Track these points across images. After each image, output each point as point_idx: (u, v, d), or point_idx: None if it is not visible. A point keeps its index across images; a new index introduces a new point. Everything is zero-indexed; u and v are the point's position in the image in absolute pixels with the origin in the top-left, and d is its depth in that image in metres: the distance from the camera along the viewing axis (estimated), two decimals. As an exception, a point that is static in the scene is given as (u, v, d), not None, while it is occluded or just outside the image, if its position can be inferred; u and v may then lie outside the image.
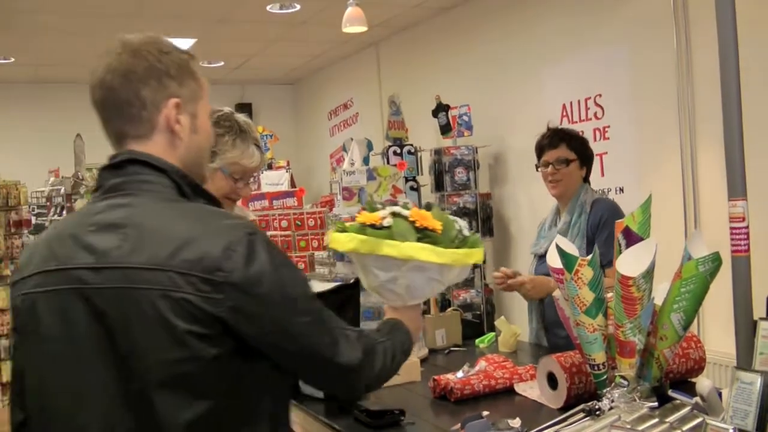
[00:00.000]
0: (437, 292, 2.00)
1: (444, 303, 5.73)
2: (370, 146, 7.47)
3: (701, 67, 4.52)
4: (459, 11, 6.75)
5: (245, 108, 9.73)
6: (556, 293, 2.33)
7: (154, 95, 1.48)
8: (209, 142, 1.64)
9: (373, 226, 1.78)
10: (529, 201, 5.94)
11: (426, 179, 6.48)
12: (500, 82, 6.27)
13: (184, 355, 1.33)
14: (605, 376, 2.14)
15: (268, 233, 5.49)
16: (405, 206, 1.85)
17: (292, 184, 7.33)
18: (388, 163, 6.49)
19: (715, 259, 1.99)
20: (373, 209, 1.84)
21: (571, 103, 5.50)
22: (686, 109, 4.60)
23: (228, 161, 2.30)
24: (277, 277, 1.41)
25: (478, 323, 4.50)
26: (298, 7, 6.38)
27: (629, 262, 2.03)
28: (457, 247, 1.78)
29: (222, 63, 8.64)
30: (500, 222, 6.37)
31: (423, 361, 3.06)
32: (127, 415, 1.36)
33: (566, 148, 3.32)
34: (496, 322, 3.45)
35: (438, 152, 6.17)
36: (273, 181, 6.74)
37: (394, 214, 1.80)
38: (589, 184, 3.42)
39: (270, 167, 7.54)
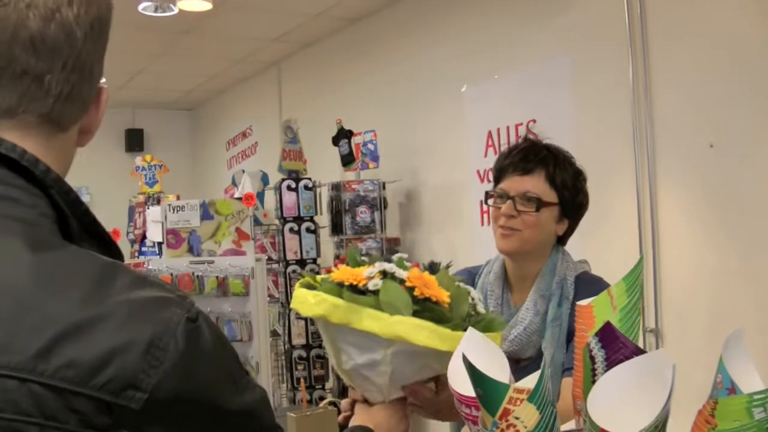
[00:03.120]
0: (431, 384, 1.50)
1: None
2: (265, 179, 6.53)
3: (660, 90, 3.74)
4: (368, 23, 6.00)
5: (136, 134, 8.98)
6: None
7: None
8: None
9: (353, 287, 1.39)
10: (448, 249, 5.17)
11: (326, 219, 5.58)
12: (414, 106, 5.52)
13: None
14: None
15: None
16: (401, 263, 1.43)
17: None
18: (280, 200, 5.50)
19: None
20: (357, 263, 1.46)
21: (498, 130, 4.73)
22: (644, 142, 3.82)
23: None
24: (227, 398, 0.82)
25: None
26: (176, 10, 5.40)
27: (612, 400, 0.97)
28: (466, 329, 1.26)
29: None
30: (411, 274, 5.48)
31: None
32: None
33: (545, 181, 2.00)
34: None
35: (336, 187, 5.29)
36: (158, 217, 5.79)
37: (385, 274, 1.40)
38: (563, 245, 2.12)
39: (158, 201, 6.68)
